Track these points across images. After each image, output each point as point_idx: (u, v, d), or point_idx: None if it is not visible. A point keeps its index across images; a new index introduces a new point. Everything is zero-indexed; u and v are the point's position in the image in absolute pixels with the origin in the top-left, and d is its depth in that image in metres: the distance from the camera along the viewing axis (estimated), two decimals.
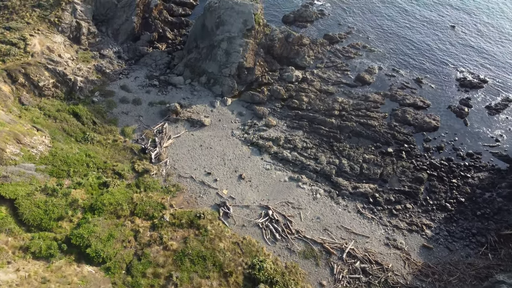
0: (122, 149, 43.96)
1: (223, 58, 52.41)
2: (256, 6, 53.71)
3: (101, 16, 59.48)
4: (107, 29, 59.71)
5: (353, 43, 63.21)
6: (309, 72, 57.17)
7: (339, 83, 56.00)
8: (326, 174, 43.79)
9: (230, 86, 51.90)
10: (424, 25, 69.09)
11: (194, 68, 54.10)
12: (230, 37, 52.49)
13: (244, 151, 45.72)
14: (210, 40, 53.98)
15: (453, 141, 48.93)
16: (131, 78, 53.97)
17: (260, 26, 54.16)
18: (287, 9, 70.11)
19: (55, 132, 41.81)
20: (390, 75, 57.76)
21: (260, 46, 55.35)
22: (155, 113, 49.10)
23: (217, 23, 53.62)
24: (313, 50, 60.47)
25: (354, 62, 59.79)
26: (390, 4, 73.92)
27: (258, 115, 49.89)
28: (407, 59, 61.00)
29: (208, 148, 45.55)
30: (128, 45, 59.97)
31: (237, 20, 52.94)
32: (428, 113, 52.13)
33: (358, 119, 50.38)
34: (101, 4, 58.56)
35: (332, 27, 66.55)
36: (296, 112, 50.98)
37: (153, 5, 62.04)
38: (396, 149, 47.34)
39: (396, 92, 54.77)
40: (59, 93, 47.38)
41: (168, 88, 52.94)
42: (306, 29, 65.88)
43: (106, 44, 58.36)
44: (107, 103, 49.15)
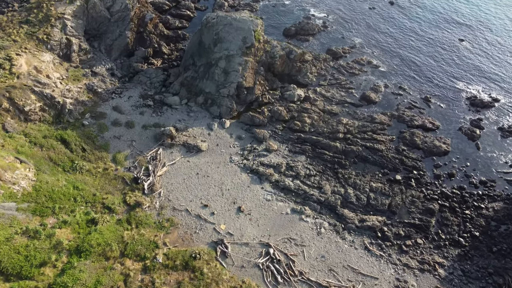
0: (113, 179, 41.14)
1: (221, 77, 49.62)
2: (256, 22, 50.93)
3: (93, 31, 56.68)
4: (100, 44, 56.95)
5: (357, 59, 60.43)
6: (312, 90, 54.40)
7: (343, 102, 53.23)
8: (331, 205, 41.02)
9: (228, 107, 49.12)
10: (431, 39, 66.36)
11: (190, 87, 51.32)
12: (228, 55, 49.71)
13: (244, 180, 42.92)
14: (207, 57, 51.20)
15: (464, 167, 46.17)
16: (124, 98, 51.18)
17: (260, 43, 51.38)
18: (288, 22, 67.35)
19: (41, 162, 38.98)
20: (397, 93, 55.00)
21: (260, 64, 52.57)
22: (149, 137, 46.30)
23: (214, 40, 50.83)
24: (315, 66, 57.69)
25: (358, 79, 57.01)
26: (395, 18, 71.22)
27: (258, 138, 47.12)
28: (414, 75, 58.25)
29: (205, 176, 42.76)
30: (122, 61, 57.21)
31: (236, 37, 50.15)
32: (438, 136, 49.37)
33: (364, 143, 47.62)
34: (93, 19, 55.75)
35: (335, 41, 63.78)
36: (298, 135, 48.21)
37: (148, 19, 59.25)
38: (405, 176, 44.57)
39: (403, 112, 52.00)
40: (46, 117, 44.55)
41: (163, 109, 50.15)
42: (308, 43, 63.11)
43: (99, 60, 55.59)
44: (98, 127, 46.35)
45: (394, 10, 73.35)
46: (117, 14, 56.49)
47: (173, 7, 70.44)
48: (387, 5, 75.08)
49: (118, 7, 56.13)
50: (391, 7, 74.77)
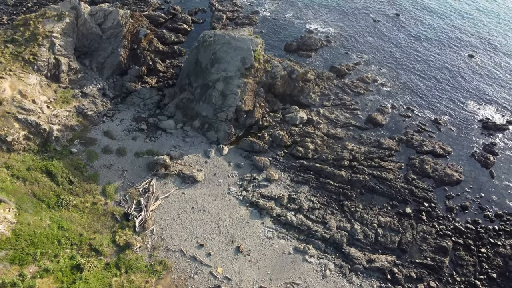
0: (102, 215, 38.19)
1: (219, 100, 46.67)
2: (255, 42, 47.96)
3: (84, 48, 53.77)
4: (91, 62, 53.98)
5: (362, 76, 57.48)
6: (315, 111, 51.45)
7: (348, 125, 50.30)
8: (337, 243, 38.09)
9: (226, 132, 46.18)
10: (439, 54, 63.44)
11: (186, 110, 48.36)
12: (226, 77, 46.75)
13: (243, 214, 39.98)
14: (204, 78, 48.24)
15: (478, 198, 43.26)
16: (116, 121, 48.23)
17: (261, 63, 48.43)
18: (289, 36, 64.39)
19: (23, 199, 36.02)
20: (405, 115, 52.05)
21: (260, 85, 49.64)
22: (141, 166, 43.34)
23: (212, 60, 47.87)
24: (318, 85, 54.73)
25: (364, 99, 54.08)
26: (401, 31, 68.29)
27: (258, 166, 44.16)
28: (422, 95, 55.32)
29: (201, 210, 39.82)
30: (114, 80, 54.21)
31: (235, 57, 47.20)
32: (449, 163, 46.45)
33: (371, 171, 44.70)
34: (84, 36, 52.83)
35: (338, 57, 60.83)
36: (301, 162, 45.28)
37: (142, 35, 56.25)
38: (415, 209, 41.65)
39: (412, 136, 49.07)
40: (31, 145, 41.57)
41: (157, 134, 47.19)
42: (310, 59, 60.14)
43: (90, 79, 52.61)
44: (88, 154, 43.38)
45: (399, 23, 70.39)
46: (109, 31, 53.56)
47: (169, 19, 67.53)
48: (393, 18, 72.13)
49: (110, 24, 53.20)
50: (396, 19, 71.84)
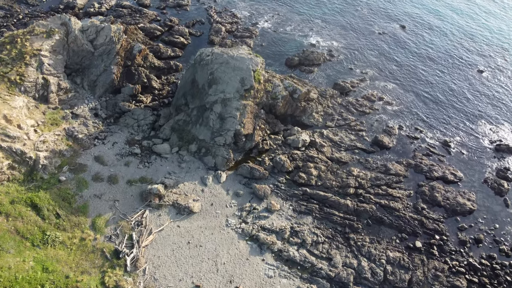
0: (91, 252, 35.55)
1: (217, 124, 44.06)
2: (255, 61, 45.34)
3: (75, 65, 51.20)
4: (83, 80, 51.39)
5: (367, 94, 54.86)
6: (318, 133, 48.83)
7: (353, 148, 47.69)
8: (343, 282, 35.47)
9: (224, 158, 43.56)
10: (448, 70, 60.84)
11: (182, 133, 45.75)
12: (224, 99, 44.14)
13: (242, 249, 37.36)
14: (201, 100, 45.65)
15: (493, 230, 40.66)
16: (108, 145, 45.60)
17: (261, 84, 45.80)
18: (290, 50, 61.77)
19: (5, 238, 33.36)
20: (413, 136, 49.44)
21: (261, 106, 47.05)
22: (134, 195, 40.72)
23: (209, 81, 45.27)
24: (322, 104, 52.11)
25: (369, 118, 51.45)
26: (406, 45, 65.68)
27: (258, 195, 41.54)
28: (431, 114, 52.70)
29: (198, 246, 37.18)
30: (107, 99, 51.56)
31: (233, 78, 44.59)
32: (461, 190, 43.85)
33: (378, 199, 42.10)
34: (75, 53, 50.23)
35: (342, 73, 58.21)
36: (304, 189, 42.67)
37: (137, 51, 53.62)
38: (426, 242, 39.05)
39: (421, 160, 46.46)
40: (16, 175, 38.93)
41: (151, 158, 44.58)
42: (313, 75, 57.53)
43: (81, 99, 50.04)
44: (77, 183, 40.77)
45: (405, 36, 67.72)
46: (101, 48, 50.94)
47: (166, 31, 64.91)
48: (398, 30, 69.54)
49: (102, 40, 50.58)
50: (402, 31, 69.22)
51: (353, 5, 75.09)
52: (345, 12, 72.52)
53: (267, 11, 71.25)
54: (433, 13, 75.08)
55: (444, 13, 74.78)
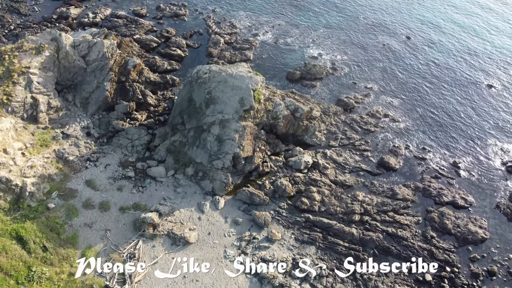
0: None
1: (214, 146, 41.80)
2: (255, 79, 43.10)
3: (66, 81, 49.01)
4: (75, 97, 49.18)
5: (372, 111, 52.59)
6: (321, 153, 46.58)
7: (358, 169, 45.44)
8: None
9: (223, 182, 41.30)
10: (456, 84, 58.54)
11: (178, 155, 43.49)
12: (223, 120, 41.90)
13: (241, 285, 35.07)
14: (198, 120, 43.39)
15: (507, 260, 38.38)
16: (100, 167, 43.33)
17: (261, 104, 43.55)
18: (291, 63, 59.52)
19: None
20: (420, 157, 47.18)
21: (261, 126, 44.84)
22: (126, 224, 38.45)
23: (206, 100, 43.03)
24: (324, 122, 49.86)
25: (375, 137, 49.19)
26: (412, 57, 63.29)
27: (258, 223, 39.28)
28: (439, 132, 50.43)
29: (194, 281, 34.89)
30: (100, 117, 49.29)
31: (232, 97, 42.35)
32: (472, 216, 41.61)
33: (384, 227, 39.85)
34: (66, 69, 48.02)
35: (345, 88, 55.95)
36: (306, 216, 40.41)
37: (131, 66, 51.34)
38: (436, 274, 36.78)
39: (429, 183, 44.21)
40: (1, 203, 36.63)
41: (146, 182, 42.31)
42: (315, 90, 55.27)
43: (73, 117, 47.84)
44: (66, 210, 38.48)
45: (410, 48, 65.44)
46: (94, 64, 48.71)
47: (162, 43, 62.67)
48: (403, 41, 67.23)
49: (95, 56, 48.33)
50: (407, 43, 66.92)
51: (355, 16, 72.78)
52: (347, 23, 70.25)
53: (267, 21, 69.00)
54: (436, 25, 72.58)
55: (447, 26, 72.39)
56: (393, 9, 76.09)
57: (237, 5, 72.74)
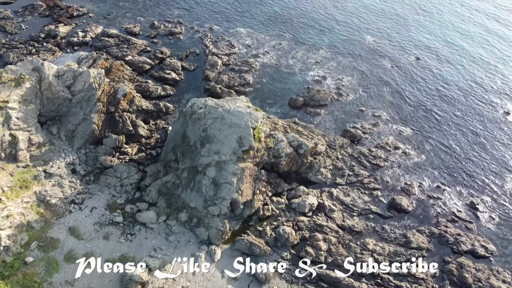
0: None
1: (210, 190, 37.99)
2: (255, 116, 39.32)
3: (50, 112, 45.23)
4: (59, 130, 45.38)
5: (381, 142, 48.81)
6: (327, 193, 42.81)
7: (367, 212, 41.67)
8: None
9: (219, 230, 37.50)
10: (471, 112, 54.74)
11: (171, 198, 39.71)
12: (219, 162, 38.08)
13: None
14: (192, 159, 39.61)
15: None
16: (85, 211, 39.51)
17: (261, 142, 39.75)
18: (293, 87, 55.79)
19: None
20: (435, 197, 43.41)
21: (261, 165, 41.06)
22: (113, 281, 34.56)
23: (202, 138, 39.23)
24: (330, 157, 46.08)
25: (385, 173, 45.41)
26: (423, 81, 59.48)
27: (259, 278, 35.47)
28: (453, 167, 46.66)
29: None
30: (87, 151, 45.50)
31: (230, 136, 38.55)
32: (493, 267, 37.83)
33: (398, 282, 36.03)
34: (50, 100, 44.25)
35: (352, 116, 52.16)
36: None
37: (121, 96, 47.54)
38: None
39: (445, 228, 40.43)
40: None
41: (135, 229, 38.46)
42: (319, 118, 51.49)
43: (57, 152, 44.09)
44: (46, 265, 34.63)
45: (420, 70, 61.62)
46: (80, 94, 44.90)
47: (156, 64, 58.92)
48: (412, 62, 63.48)
49: (81, 87, 44.52)
50: (416, 64, 63.16)
51: (360, 34, 69.04)
52: (351, 43, 66.48)
53: (268, 40, 65.22)
54: (447, 44, 68.59)
55: (458, 45, 68.43)
56: (400, 26, 72.34)
57: (235, 22, 69.04)
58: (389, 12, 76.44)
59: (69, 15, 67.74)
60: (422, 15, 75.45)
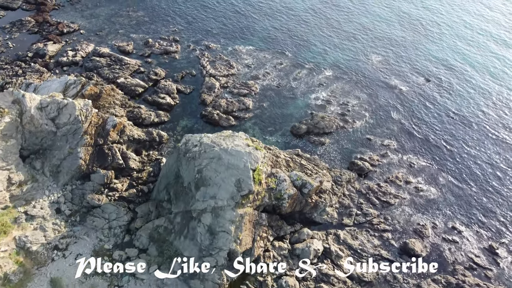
0: None
1: (206, 239, 34.55)
2: (255, 156, 35.87)
3: (34, 145, 41.84)
4: (43, 164, 41.95)
5: (391, 176, 45.40)
6: (333, 236, 39.40)
7: (377, 257, 38.23)
8: None
9: (216, 283, 34.04)
10: (485, 141, 51.25)
11: (162, 245, 36.26)
12: (216, 208, 34.64)
13: None
14: (186, 203, 36.17)
15: None
16: (70, 258, 36.06)
17: (262, 185, 36.31)
18: (296, 113, 52.38)
19: None
20: (450, 240, 40.00)
21: (262, 208, 37.62)
22: None
23: (196, 181, 35.78)
24: (336, 194, 42.67)
25: (395, 213, 41.99)
26: (433, 106, 55.96)
27: None
28: (469, 206, 43.24)
29: None
30: (73, 187, 42.07)
31: (227, 179, 35.10)
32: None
33: None
34: (32, 134, 40.88)
35: (359, 145, 48.74)
36: None
37: (111, 126, 44.13)
38: None
39: (463, 277, 36.99)
40: None
41: (124, 280, 35.03)
42: (323, 148, 48.10)
43: (41, 189, 40.74)
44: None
45: (431, 94, 58.12)
46: (65, 127, 41.48)
47: (150, 87, 55.57)
48: (420, 85, 60.00)
49: (66, 119, 41.12)
50: (425, 87, 59.67)
51: (366, 54, 65.50)
52: (357, 63, 63.04)
53: (268, 59, 61.80)
54: (459, 65, 64.64)
55: (471, 66, 64.85)
56: (407, 46, 68.67)
57: (234, 39, 65.66)
58: (394, 31, 72.94)
59: (59, 32, 64.35)
60: (430, 36, 71.78)
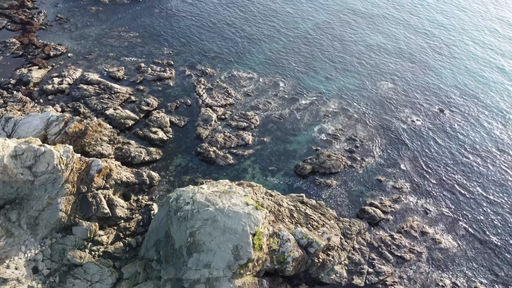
0: None
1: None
2: (255, 218, 31.60)
3: (9, 195, 37.47)
4: (20, 216, 37.64)
5: (405, 225, 41.14)
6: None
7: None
8: None
9: None
10: (504, 185, 46.84)
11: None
12: (210, 278, 30.38)
13: None
14: (177, 269, 31.90)
15: None
16: None
17: (262, 250, 32.03)
18: (300, 149, 48.21)
19: None
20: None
21: (263, 272, 33.35)
22: None
23: (189, 245, 31.52)
24: (345, 249, 38.40)
25: (411, 270, 37.71)
26: (449, 139, 51.69)
27: None
28: (492, 262, 38.96)
29: None
30: (53, 241, 37.81)
31: (223, 245, 30.85)
32: None
33: None
34: (7, 184, 36.53)
35: (368, 188, 44.49)
36: None
37: (96, 172, 39.86)
38: None
39: None
40: None
41: None
42: (330, 191, 43.90)
43: (17, 244, 36.56)
44: None
45: (446, 125, 53.85)
46: (43, 176, 37.20)
47: (141, 119, 51.36)
48: (434, 116, 55.70)
49: (44, 168, 36.82)
50: (438, 119, 55.29)
51: (374, 81, 61.13)
52: (364, 91, 58.76)
53: (269, 85, 57.58)
54: (475, 94, 60.57)
55: (489, 95, 60.82)
56: (417, 72, 64.33)
57: (232, 63, 61.46)
58: (402, 55, 68.69)
59: (45, 55, 60.14)
60: (439, 60, 67.62)
